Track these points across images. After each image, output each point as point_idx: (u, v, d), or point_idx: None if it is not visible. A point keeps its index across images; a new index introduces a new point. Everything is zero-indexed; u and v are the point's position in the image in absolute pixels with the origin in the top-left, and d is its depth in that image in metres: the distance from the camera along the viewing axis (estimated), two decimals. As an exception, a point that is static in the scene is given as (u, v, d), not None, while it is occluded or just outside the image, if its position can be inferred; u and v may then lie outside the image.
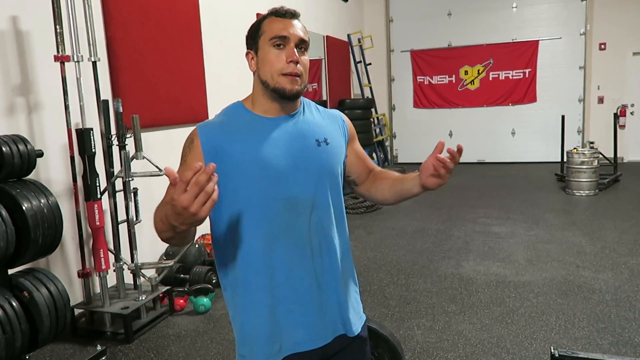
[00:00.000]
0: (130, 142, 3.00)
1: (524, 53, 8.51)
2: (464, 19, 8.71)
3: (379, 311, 3.08)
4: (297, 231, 1.23)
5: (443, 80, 9.03)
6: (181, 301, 3.23)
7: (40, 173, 2.82)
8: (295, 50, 1.21)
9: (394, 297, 3.28)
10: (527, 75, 8.57)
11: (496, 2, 8.51)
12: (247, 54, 1.27)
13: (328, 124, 1.33)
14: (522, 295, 3.21)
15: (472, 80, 8.87)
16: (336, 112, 1.40)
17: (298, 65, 1.20)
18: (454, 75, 8.94)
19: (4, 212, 2.12)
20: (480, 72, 8.78)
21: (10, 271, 2.32)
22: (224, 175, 1.20)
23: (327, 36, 7.23)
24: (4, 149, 2.20)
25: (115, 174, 3.00)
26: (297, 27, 1.22)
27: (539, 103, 8.57)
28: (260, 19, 1.25)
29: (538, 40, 8.41)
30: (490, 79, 8.77)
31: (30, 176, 2.67)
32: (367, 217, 5.44)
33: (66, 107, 2.74)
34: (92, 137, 2.76)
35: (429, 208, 5.74)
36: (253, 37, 1.25)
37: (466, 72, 8.87)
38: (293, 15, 1.24)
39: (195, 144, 1.21)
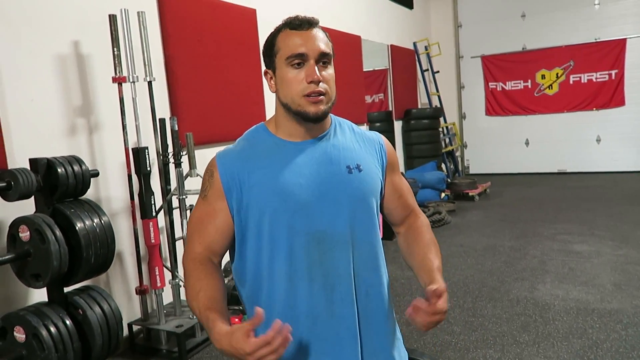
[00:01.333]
0: (185, 160, 3.01)
1: (609, 53, 7.81)
2: (540, 20, 8.17)
3: (441, 338, 2.85)
4: (324, 271, 1.08)
5: (517, 86, 8.51)
6: (236, 320, 3.19)
7: (101, 191, 2.89)
8: (316, 66, 1.06)
9: (458, 323, 3.02)
10: (613, 77, 7.85)
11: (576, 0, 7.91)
12: (265, 73, 1.15)
13: (362, 147, 1.17)
14: (608, 326, 2.84)
15: (550, 85, 8.28)
16: (374, 135, 1.24)
17: (321, 83, 1.06)
18: (529, 80, 8.40)
19: (57, 232, 2.16)
20: (559, 75, 8.18)
21: (66, 289, 2.37)
22: (245, 209, 1.09)
23: (391, 45, 7.05)
24: (59, 170, 2.25)
25: (171, 191, 3.02)
26: (316, 39, 1.07)
27: (628, 106, 7.81)
28: (274, 33, 1.11)
29: (625, 39, 7.69)
30: (571, 82, 8.13)
31: (92, 194, 2.76)
32: (434, 233, 5.14)
33: (124, 127, 2.80)
34: (147, 156, 2.79)
35: (501, 223, 5.36)
36: (269, 55, 1.11)
37: (543, 77, 8.30)
38: (310, 24, 1.08)
39: (215, 178, 1.11)
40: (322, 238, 1.08)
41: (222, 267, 1.20)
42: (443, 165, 7.84)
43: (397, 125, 7.23)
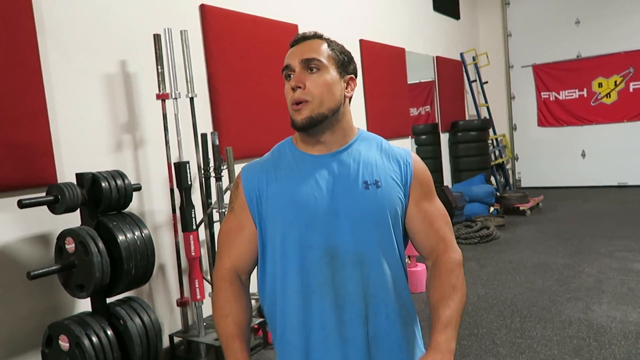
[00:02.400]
0: (226, 174, 3.06)
1: (673, 58, 7.36)
2: (596, 26, 7.81)
3: (485, 359, 2.72)
4: (336, 288, 1.04)
5: (572, 95, 8.15)
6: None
7: (145, 204, 2.98)
8: (303, 73, 1.07)
9: (505, 344, 2.88)
10: (678, 84, 7.39)
11: (634, 3, 7.51)
12: None
13: (385, 163, 1.12)
14: (672, 353, 2.62)
15: (608, 93, 7.87)
16: (403, 152, 1.16)
17: (304, 89, 1.06)
18: (585, 89, 8.02)
19: (100, 244, 2.24)
20: (617, 83, 7.77)
21: (109, 300, 2.44)
22: (264, 220, 1.10)
23: (437, 57, 6.94)
24: (103, 184, 2.34)
25: (211, 205, 3.07)
26: (306, 48, 1.08)
27: (695, 115, 7.31)
28: None
29: (690, 43, 7.23)
30: (631, 90, 7.70)
31: (136, 207, 2.85)
32: (481, 248, 4.98)
33: (166, 142, 2.88)
34: (188, 170, 2.85)
35: (555, 239, 5.09)
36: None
37: (600, 85, 7.91)
38: (304, 38, 1.10)
39: (239, 190, 1.14)
40: (334, 254, 1.05)
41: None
42: (492, 179, 7.58)
43: (444, 138, 7.08)
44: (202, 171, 3.05)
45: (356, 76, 1.17)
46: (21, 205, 2.13)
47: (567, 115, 8.20)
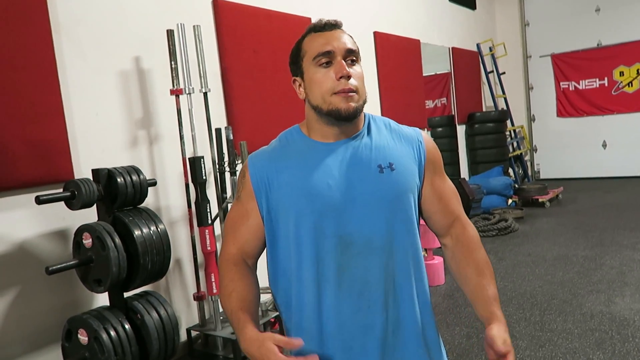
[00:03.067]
0: (240, 168, 3.06)
1: (698, 45, 7.14)
2: (617, 13, 7.62)
3: (504, 353, 2.68)
4: (352, 276, 1.03)
5: (592, 85, 7.97)
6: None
7: (161, 200, 3.00)
8: (344, 63, 1.04)
9: (524, 338, 2.83)
10: (703, 71, 7.17)
11: (657, -11, 7.31)
12: (293, 81, 1.14)
13: (397, 145, 1.11)
14: (698, 346, 2.55)
15: (630, 82, 7.68)
16: (413, 132, 1.16)
17: (351, 79, 1.03)
18: (606, 78, 7.84)
19: (117, 239, 2.25)
20: (639, 71, 7.58)
21: (126, 294, 2.47)
22: (275, 209, 1.08)
23: (453, 48, 6.85)
24: (118, 179, 2.35)
25: (226, 199, 3.08)
26: (342, 37, 1.06)
27: None
28: (299, 40, 1.12)
29: None
30: (654, 78, 7.52)
31: (152, 202, 2.87)
32: (499, 241, 4.91)
33: (181, 137, 2.89)
34: (202, 165, 2.86)
35: (575, 231, 5.00)
36: (295, 62, 1.11)
37: (622, 73, 7.72)
38: (334, 25, 1.08)
39: (246, 179, 1.12)
40: (350, 242, 1.03)
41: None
42: (510, 171, 7.47)
43: (460, 130, 6.99)
44: (217, 166, 3.06)
45: None
46: (38, 201, 2.16)
47: (588, 105, 8.03)
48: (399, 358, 1.08)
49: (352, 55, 1.06)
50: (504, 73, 7.89)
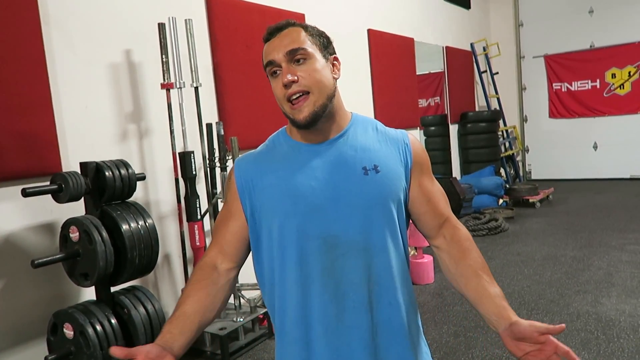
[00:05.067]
0: (230, 164, 3.05)
1: (690, 48, 7.20)
2: (610, 15, 7.66)
3: (491, 352, 2.70)
4: (336, 277, 1.02)
5: (585, 86, 8.01)
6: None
7: (150, 194, 2.98)
8: (291, 66, 1.01)
9: (511, 337, 2.85)
10: (694, 75, 7.23)
11: (650, -8, 7.36)
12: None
13: (382, 147, 1.10)
14: (682, 347, 2.58)
15: (622, 84, 7.73)
16: (399, 133, 1.15)
17: (298, 82, 1.01)
18: (598, 80, 7.88)
19: (104, 233, 2.24)
20: (631, 74, 7.62)
21: (114, 289, 2.45)
22: (259, 211, 1.07)
23: (446, 47, 6.86)
24: (107, 173, 2.33)
25: (216, 195, 3.06)
26: (284, 40, 1.03)
27: None
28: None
29: None
30: (646, 81, 7.57)
31: (141, 197, 2.85)
32: (489, 240, 4.94)
33: (171, 132, 2.87)
34: (192, 160, 2.85)
35: (565, 231, 5.03)
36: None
37: (613, 75, 7.77)
38: (278, 29, 1.05)
39: (231, 181, 1.12)
40: (334, 243, 1.03)
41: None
42: (502, 171, 7.51)
43: (453, 129, 7.01)
44: (207, 161, 3.04)
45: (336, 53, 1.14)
46: (25, 193, 2.14)
47: (579, 106, 8.08)
48: (386, 358, 1.08)
49: (296, 54, 1.02)
50: (497, 73, 7.92)
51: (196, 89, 2.97)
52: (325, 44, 1.08)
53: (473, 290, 1.06)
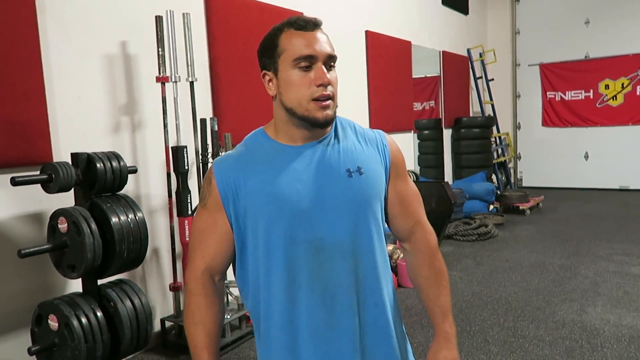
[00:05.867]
0: (223, 160, 3.04)
1: (682, 63, 7.28)
2: (605, 27, 7.72)
3: (476, 357, 2.71)
4: (324, 281, 1.02)
5: (578, 96, 8.08)
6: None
7: (141, 188, 2.96)
8: (324, 68, 1.01)
9: (496, 343, 2.87)
10: (685, 89, 7.31)
11: (646, 5, 7.43)
12: (263, 75, 1.09)
13: (364, 148, 1.10)
14: (664, 358, 2.60)
15: (615, 96, 7.80)
16: (377, 133, 1.15)
17: (329, 87, 1.00)
18: (591, 90, 7.95)
19: (93, 225, 2.22)
20: (624, 86, 7.70)
21: (100, 281, 2.43)
22: (243, 216, 1.05)
23: (443, 52, 6.88)
24: (98, 165, 2.31)
25: (208, 191, 3.05)
26: (323, 41, 1.02)
27: (702, 121, 7.24)
28: (275, 33, 1.05)
29: (701, 48, 7.15)
30: (638, 93, 7.63)
31: (132, 190, 2.84)
32: (479, 246, 4.96)
33: (165, 126, 2.86)
34: (185, 155, 2.83)
35: (553, 239, 5.07)
36: (269, 56, 1.05)
37: (607, 87, 7.84)
38: (315, 25, 1.03)
39: (212, 186, 1.07)
40: (321, 246, 1.03)
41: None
42: (494, 177, 7.55)
43: (447, 134, 7.04)
44: (200, 156, 3.03)
45: None
46: (14, 182, 2.11)
47: (572, 116, 8.14)
48: (372, 356, 1.09)
49: (332, 61, 1.03)
50: (492, 79, 7.96)
51: (191, 83, 2.95)
52: None
53: (423, 299, 1.18)
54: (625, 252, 4.49)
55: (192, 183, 3.05)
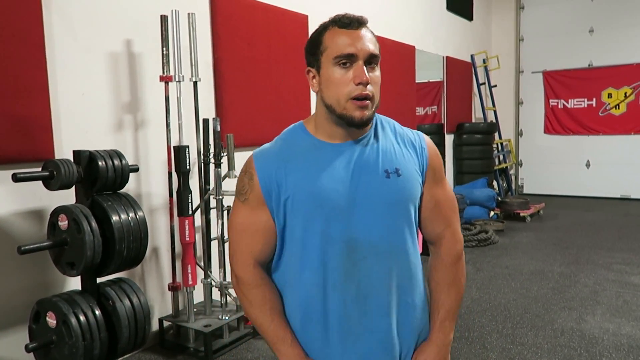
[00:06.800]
0: (225, 161, 3.03)
1: (685, 73, 7.28)
2: (609, 36, 7.73)
3: (474, 364, 2.70)
4: (357, 281, 1.03)
5: (581, 104, 8.07)
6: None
7: (142, 186, 2.96)
8: (365, 68, 1.00)
9: (495, 349, 2.86)
10: (688, 99, 7.31)
11: (650, 15, 7.42)
12: (307, 71, 1.10)
13: (403, 150, 1.10)
14: (663, 368, 2.59)
15: (617, 105, 7.79)
16: (416, 135, 1.14)
17: (369, 86, 1.01)
18: (594, 99, 7.95)
19: (93, 223, 2.22)
20: (627, 95, 7.69)
21: (99, 279, 2.43)
22: (283, 212, 1.06)
23: (447, 57, 6.88)
24: (100, 163, 2.31)
25: (209, 191, 3.05)
26: (366, 39, 1.02)
27: None
28: (320, 30, 1.06)
29: None
30: (641, 102, 7.64)
31: (133, 188, 2.84)
32: (479, 252, 4.95)
33: (167, 125, 2.85)
34: (187, 155, 2.83)
35: (553, 247, 5.06)
36: (313, 53, 1.06)
37: (610, 95, 7.83)
38: (360, 23, 1.03)
39: (254, 182, 1.07)
40: (356, 246, 1.04)
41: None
42: (495, 183, 7.54)
43: (449, 139, 7.03)
44: (202, 156, 3.03)
45: None
46: (16, 178, 2.11)
47: (575, 124, 8.14)
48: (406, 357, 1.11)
49: (374, 60, 1.04)
50: (495, 86, 7.96)
51: (195, 83, 2.95)
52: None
53: (432, 300, 1.17)
54: (625, 261, 4.48)
55: (193, 183, 3.04)
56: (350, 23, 1.03)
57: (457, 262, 1.15)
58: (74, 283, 2.53)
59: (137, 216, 2.39)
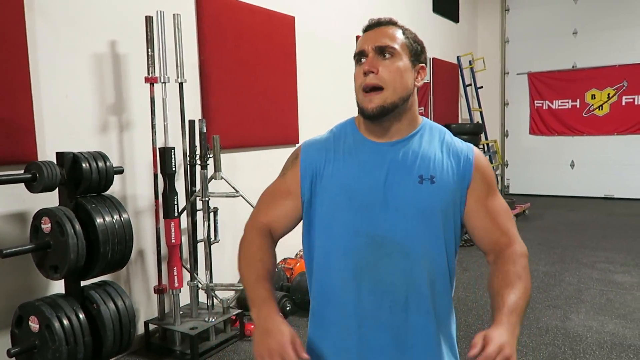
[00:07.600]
0: (211, 162, 3.02)
1: (667, 74, 7.41)
2: (593, 38, 7.84)
3: (461, 363, 2.72)
4: (377, 275, 1.06)
5: (565, 105, 8.18)
6: (252, 326, 3.15)
7: (127, 188, 2.94)
8: (377, 58, 1.05)
9: (481, 348, 2.87)
10: (670, 100, 7.44)
11: (632, 17, 7.54)
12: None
13: (444, 158, 1.09)
14: (645, 365, 2.64)
15: (601, 106, 7.91)
16: (465, 147, 1.13)
17: (372, 75, 1.04)
18: (578, 100, 8.06)
19: (77, 226, 2.20)
20: (610, 96, 7.81)
21: (84, 283, 2.40)
22: (315, 198, 1.11)
23: (433, 58, 6.93)
24: (84, 165, 2.29)
25: (195, 192, 3.03)
26: (380, 34, 1.07)
27: (685, 132, 7.37)
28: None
29: (685, 60, 7.28)
30: (623, 103, 7.75)
31: (118, 190, 2.81)
32: (465, 252, 4.98)
33: (152, 127, 2.84)
34: (172, 156, 2.81)
35: (539, 246, 5.12)
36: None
37: (593, 96, 7.95)
38: (377, 24, 1.10)
39: (296, 163, 1.15)
40: (380, 243, 1.06)
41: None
42: (481, 183, 7.59)
43: (435, 140, 7.07)
44: (188, 158, 3.01)
45: (426, 65, 1.16)
46: (-3, 181, 2.08)
47: (559, 124, 8.24)
48: (413, 356, 1.10)
49: (387, 50, 1.06)
50: (481, 87, 8.03)
51: (181, 84, 2.94)
52: (418, 52, 1.12)
53: (492, 297, 1.05)
54: (609, 260, 4.55)
55: (179, 185, 3.03)
56: (371, 25, 1.12)
57: (521, 260, 1.09)
58: (58, 287, 2.50)
59: (122, 218, 2.37)
